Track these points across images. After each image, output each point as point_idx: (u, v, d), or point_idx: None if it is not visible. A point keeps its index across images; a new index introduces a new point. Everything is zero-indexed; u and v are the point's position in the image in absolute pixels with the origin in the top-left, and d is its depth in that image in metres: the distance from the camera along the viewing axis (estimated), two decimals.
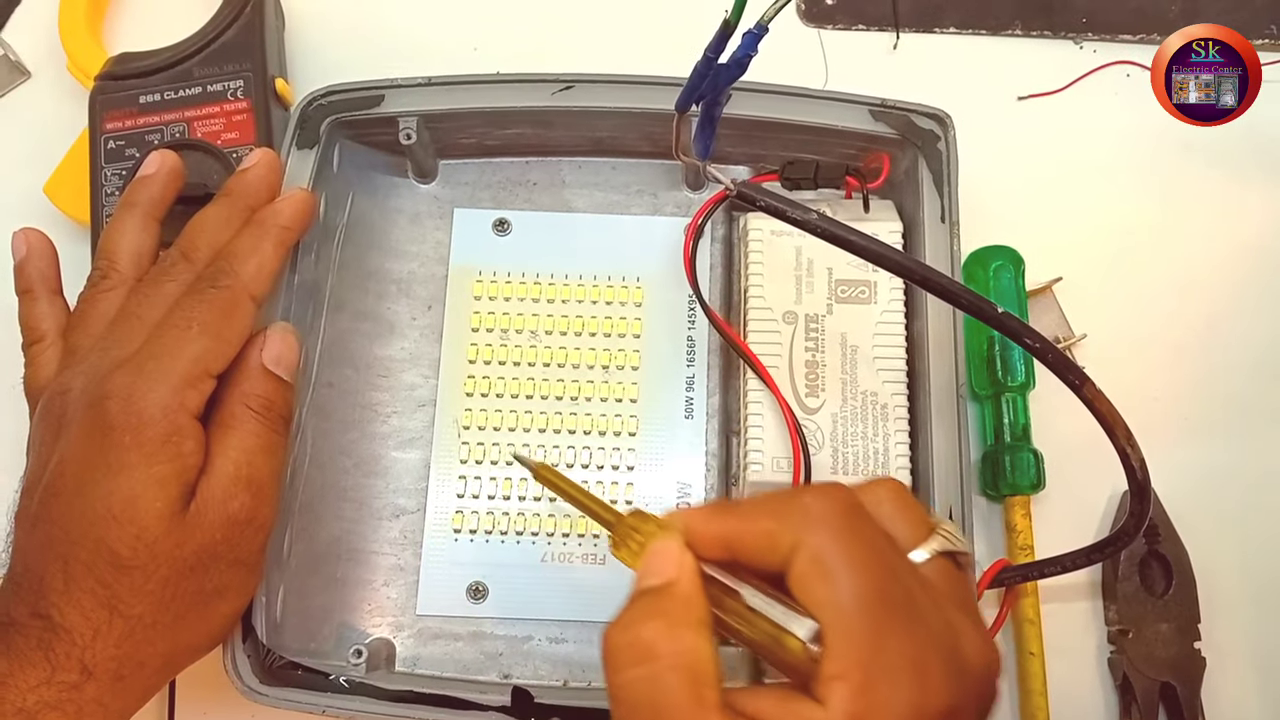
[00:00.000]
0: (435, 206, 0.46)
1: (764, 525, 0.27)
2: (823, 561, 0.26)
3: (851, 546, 0.26)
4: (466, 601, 0.42)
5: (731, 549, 0.28)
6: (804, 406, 0.40)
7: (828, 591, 0.25)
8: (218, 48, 0.47)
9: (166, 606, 0.33)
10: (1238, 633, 0.43)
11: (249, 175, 0.40)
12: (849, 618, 0.25)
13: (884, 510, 0.29)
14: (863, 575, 0.25)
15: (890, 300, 0.41)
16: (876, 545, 0.26)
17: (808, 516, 0.26)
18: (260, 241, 0.37)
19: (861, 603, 0.25)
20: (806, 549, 0.26)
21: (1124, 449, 0.32)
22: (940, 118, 0.41)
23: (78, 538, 0.32)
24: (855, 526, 0.27)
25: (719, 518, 0.28)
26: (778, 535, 0.27)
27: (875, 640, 0.25)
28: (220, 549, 0.34)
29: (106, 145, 0.46)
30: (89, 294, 0.38)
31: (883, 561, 0.26)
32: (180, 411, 0.33)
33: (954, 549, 0.29)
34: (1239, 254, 0.48)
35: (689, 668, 0.26)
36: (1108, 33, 0.51)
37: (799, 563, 0.26)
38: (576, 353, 0.44)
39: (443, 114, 0.43)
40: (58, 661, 0.31)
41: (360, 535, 0.42)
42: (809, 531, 0.26)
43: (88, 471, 0.32)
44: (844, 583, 0.25)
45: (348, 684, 0.38)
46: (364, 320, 0.44)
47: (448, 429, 0.43)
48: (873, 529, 0.27)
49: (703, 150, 0.35)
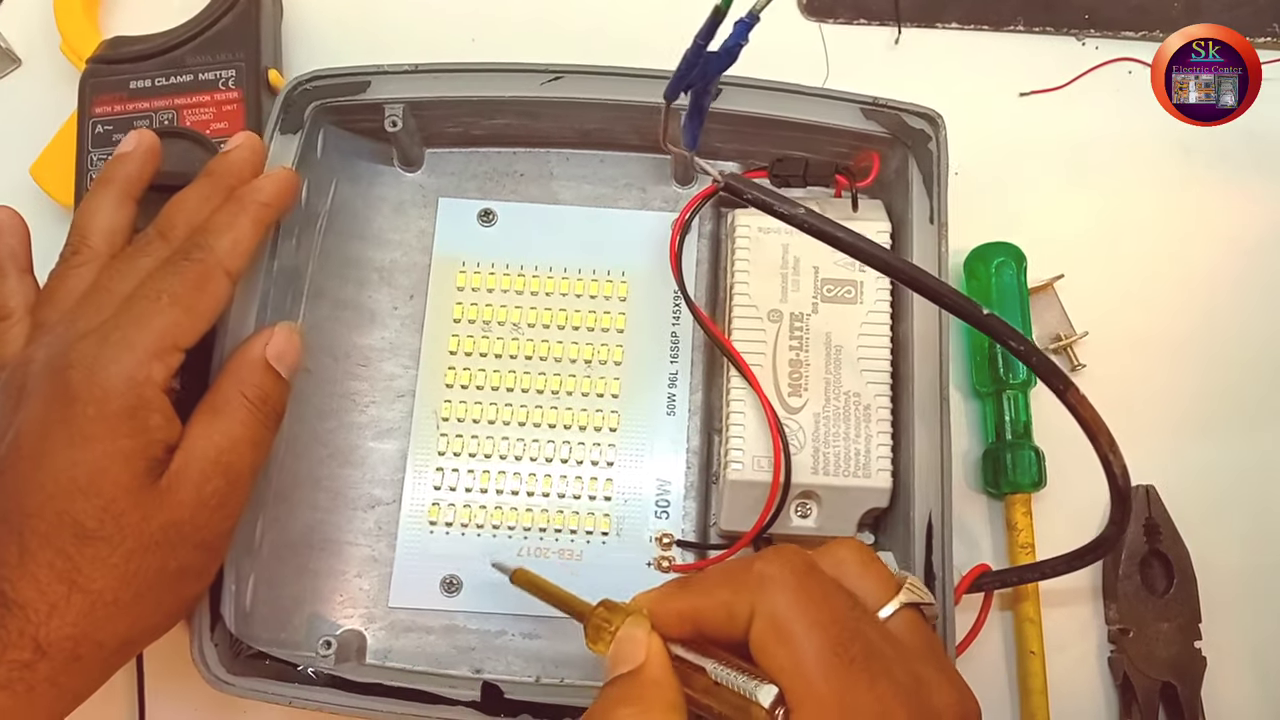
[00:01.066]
0: (420, 195, 0.46)
1: (721, 596, 0.28)
2: (779, 625, 0.26)
3: (807, 607, 0.26)
4: (440, 595, 0.41)
5: (695, 624, 0.29)
6: (786, 406, 0.40)
7: (786, 654, 0.26)
8: (212, 36, 0.47)
9: (128, 582, 0.32)
10: (1238, 632, 0.43)
11: (231, 156, 0.39)
12: (810, 678, 0.25)
13: (847, 570, 0.30)
14: (820, 634, 0.26)
15: (876, 300, 0.41)
16: (833, 604, 0.27)
17: (762, 582, 0.27)
18: (237, 216, 0.36)
19: (821, 661, 0.26)
20: (762, 614, 0.27)
21: (1106, 455, 0.32)
22: (931, 117, 0.41)
23: (34, 509, 0.31)
24: (809, 587, 0.27)
25: (679, 595, 0.29)
26: (734, 604, 0.27)
27: (839, 697, 0.25)
28: (186, 529, 0.33)
29: (94, 129, 0.46)
30: (60, 270, 0.37)
31: (840, 619, 0.27)
32: (146, 384, 0.33)
33: (919, 600, 0.29)
34: (1241, 251, 0.48)
35: None
36: (1110, 29, 0.51)
37: (756, 628, 0.27)
38: (559, 346, 0.44)
39: (429, 102, 0.43)
40: (8, 639, 0.30)
41: (334, 525, 0.42)
42: (763, 597, 0.27)
43: (47, 442, 0.32)
44: (802, 643, 0.26)
45: (316, 675, 0.38)
46: (344, 309, 0.44)
47: (426, 420, 0.43)
48: (828, 588, 0.27)
49: (691, 141, 0.34)
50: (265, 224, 0.37)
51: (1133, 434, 0.42)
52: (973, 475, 0.45)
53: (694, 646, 0.29)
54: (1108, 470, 0.32)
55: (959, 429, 0.45)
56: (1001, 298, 0.44)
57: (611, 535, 0.42)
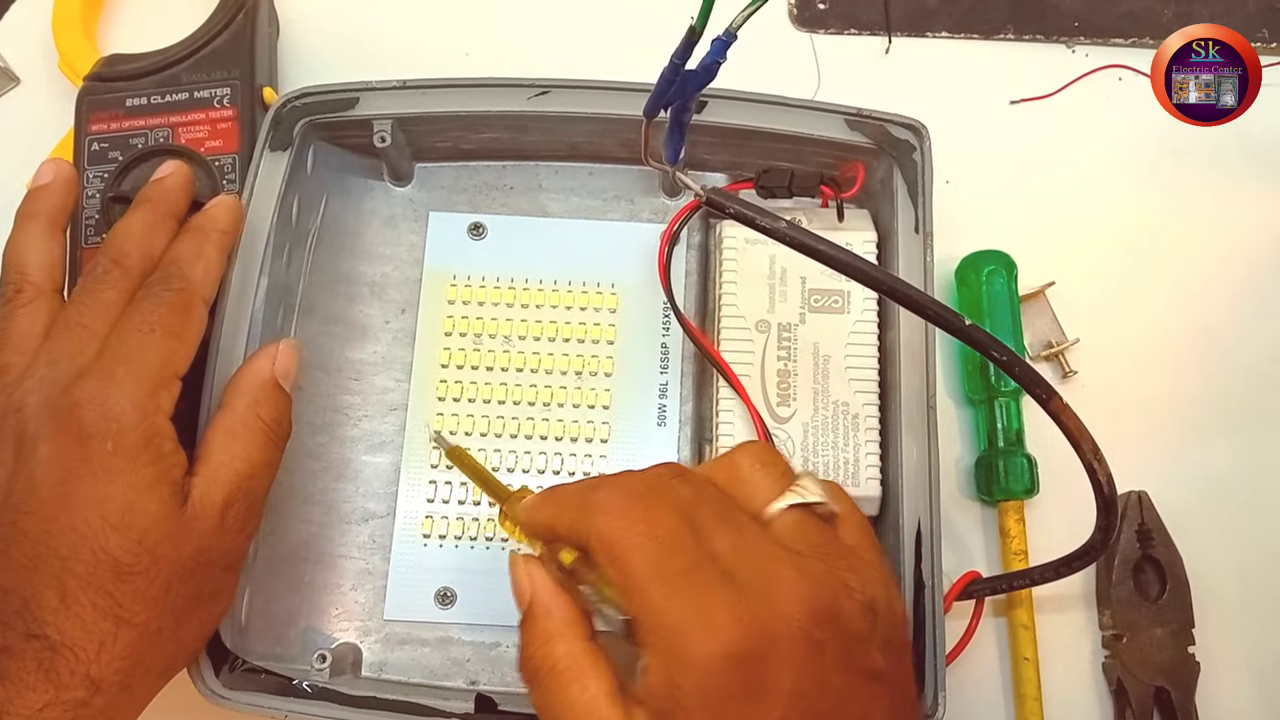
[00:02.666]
0: (410, 209, 0.46)
1: (568, 519, 0.30)
2: (606, 549, 0.28)
3: (628, 530, 0.28)
4: (434, 607, 0.41)
5: (553, 537, 0.31)
6: (775, 416, 0.40)
7: (615, 574, 0.28)
8: (207, 54, 0.47)
9: (169, 611, 0.32)
10: (1232, 637, 0.43)
11: (167, 182, 0.40)
12: (639, 592, 0.27)
13: (739, 473, 0.31)
14: (639, 554, 0.28)
15: (863, 310, 0.41)
16: (661, 522, 0.28)
17: (590, 509, 0.29)
18: (204, 246, 0.37)
19: (647, 576, 0.27)
20: (596, 540, 0.28)
21: (1091, 464, 0.32)
22: (916, 128, 0.41)
23: (69, 551, 0.31)
24: (632, 510, 0.29)
25: (543, 508, 0.32)
26: (577, 526, 0.29)
27: (662, 607, 0.27)
28: (215, 554, 0.34)
29: (90, 147, 0.46)
30: (6, 310, 0.36)
31: (661, 537, 0.28)
32: (157, 413, 0.33)
33: (802, 500, 0.30)
34: (1232, 258, 0.48)
35: (576, 672, 0.29)
36: (1100, 37, 0.51)
37: (593, 551, 0.29)
38: (550, 358, 0.44)
39: (417, 117, 0.43)
40: (61, 681, 0.30)
41: (328, 539, 0.42)
42: (591, 523, 0.29)
43: (69, 483, 0.32)
44: (625, 564, 0.28)
45: (311, 689, 0.38)
46: (336, 323, 0.44)
47: (419, 433, 0.43)
48: (658, 509, 0.29)
49: (672, 156, 0.34)
50: (226, 251, 0.39)
51: (1125, 440, 0.42)
52: (966, 483, 0.45)
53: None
54: (1092, 477, 0.32)
55: (952, 436, 0.45)
56: (993, 306, 0.45)
57: None
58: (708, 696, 0.27)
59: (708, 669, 0.26)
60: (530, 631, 0.30)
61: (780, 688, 0.27)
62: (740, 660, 0.27)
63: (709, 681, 0.27)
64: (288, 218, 0.42)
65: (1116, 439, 0.32)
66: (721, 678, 0.26)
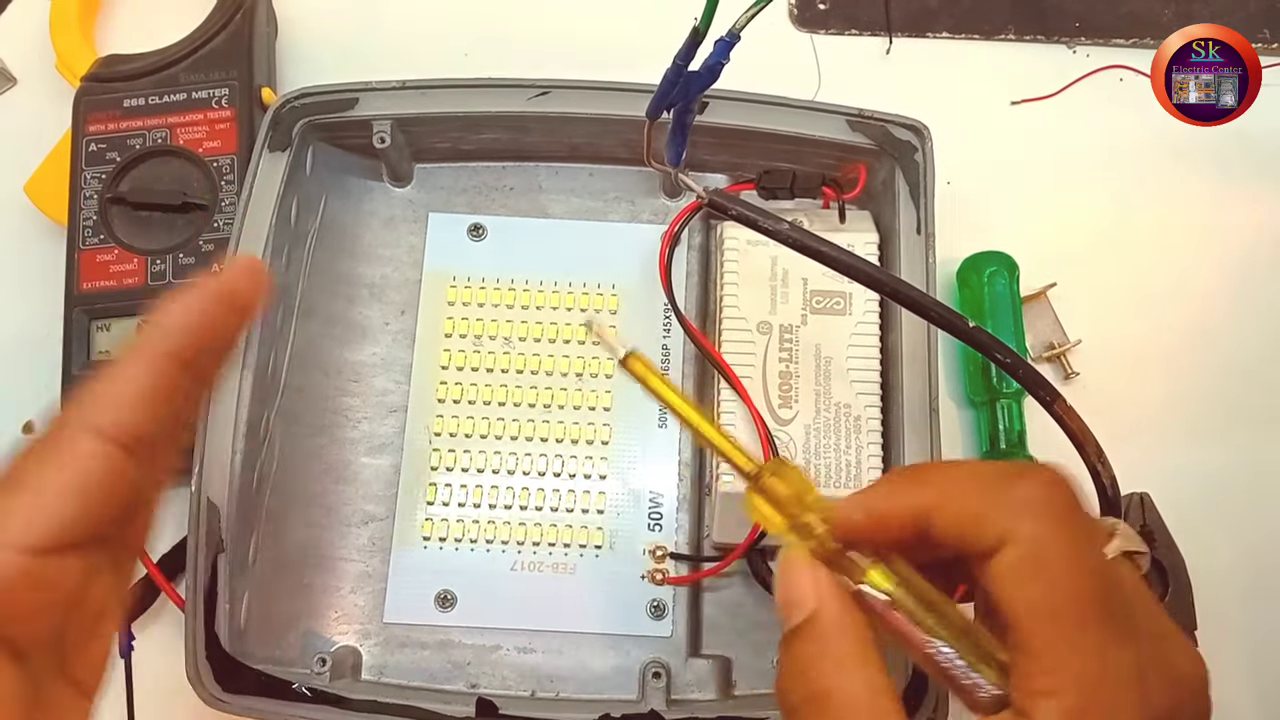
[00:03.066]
0: (410, 210, 0.46)
1: (970, 505, 0.24)
2: (1041, 560, 0.22)
3: (1072, 544, 0.23)
4: (434, 610, 0.41)
5: (923, 527, 0.24)
6: (777, 417, 0.40)
7: (1044, 595, 0.22)
8: (205, 54, 0.47)
9: None
10: (1234, 639, 0.43)
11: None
12: (1064, 626, 0.22)
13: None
14: (1082, 578, 0.22)
15: (865, 312, 0.41)
16: (1096, 544, 0.24)
17: (1026, 506, 0.23)
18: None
19: (1080, 609, 0.22)
20: (1021, 543, 0.23)
21: (1094, 466, 0.32)
22: (917, 129, 0.41)
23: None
24: (1076, 523, 0.23)
25: (912, 489, 0.25)
26: (986, 520, 0.23)
27: (1096, 652, 0.22)
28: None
29: (88, 148, 0.46)
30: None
31: (1102, 567, 0.23)
32: None
33: (1134, 549, 0.27)
34: (1233, 258, 0.48)
35: (870, 709, 0.23)
36: (1101, 37, 0.51)
37: (1010, 556, 0.23)
38: (550, 360, 0.44)
39: (417, 118, 0.43)
40: None
41: (328, 542, 0.42)
42: (1026, 523, 0.23)
43: None
44: (1062, 586, 0.22)
45: (311, 692, 0.38)
46: (335, 325, 0.44)
47: (419, 435, 0.43)
48: (1091, 526, 0.24)
49: (675, 158, 0.34)
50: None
51: (1127, 441, 0.42)
52: None
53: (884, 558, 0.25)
54: (1096, 480, 0.32)
55: (954, 438, 0.45)
56: (994, 307, 0.45)
57: (605, 548, 0.42)
58: None
59: None
60: (807, 652, 0.24)
61: None
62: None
63: None
64: (287, 219, 0.42)
65: (1118, 440, 0.32)
66: None
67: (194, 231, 0.45)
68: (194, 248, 0.44)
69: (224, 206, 0.45)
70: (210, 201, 0.45)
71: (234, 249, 0.40)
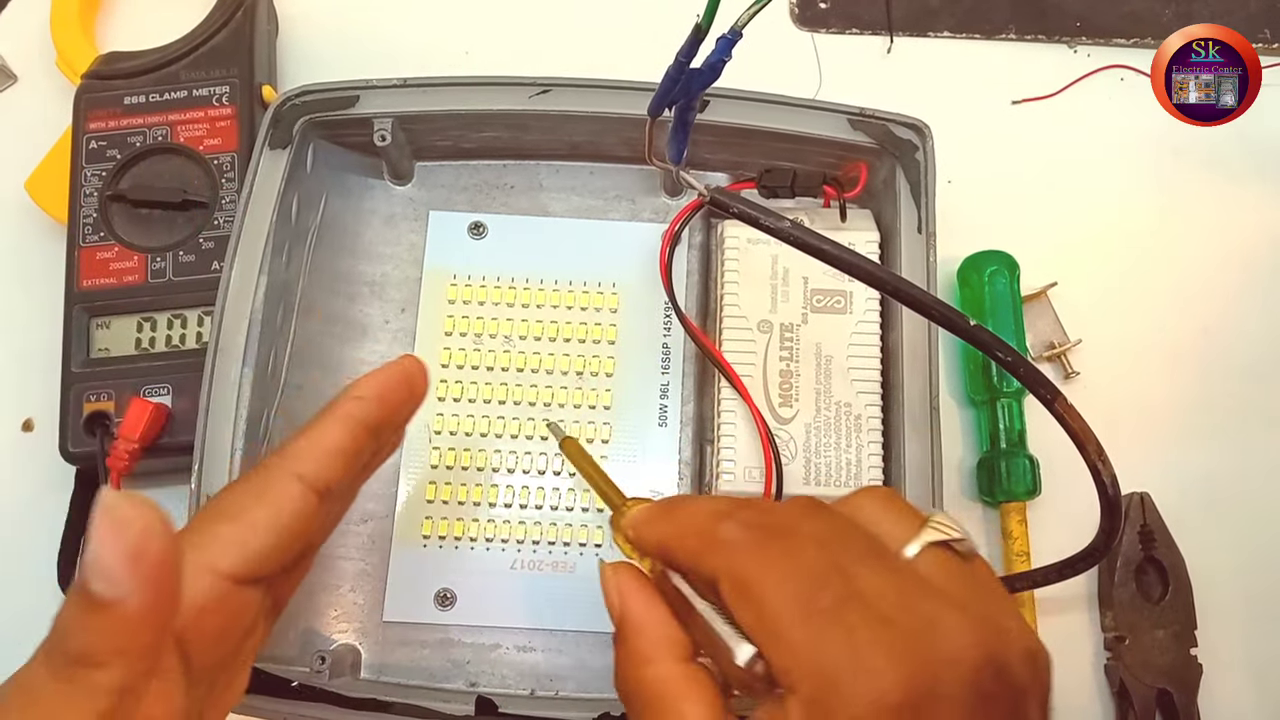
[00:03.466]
0: (410, 208, 0.46)
1: (689, 545, 0.27)
2: (741, 587, 0.26)
3: (768, 566, 0.26)
4: (434, 608, 0.41)
5: (667, 558, 0.28)
6: (777, 416, 0.40)
7: (751, 613, 0.25)
8: (206, 52, 0.47)
9: None
10: (1234, 639, 0.43)
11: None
12: (777, 632, 0.25)
13: (864, 514, 0.28)
14: (782, 590, 0.25)
15: (866, 310, 0.41)
16: (798, 558, 0.26)
17: (722, 545, 0.27)
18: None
19: (786, 616, 0.25)
20: (724, 577, 0.26)
21: (1095, 465, 0.31)
22: (918, 127, 0.41)
23: None
24: (768, 545, 0.26)
25: (658, 523, 0.29)
26: (700, 559, 0.27)
27: (810, 649, 0.24)
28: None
29: (88, 145, 0.46)
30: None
31: (806, 572, 0.26)
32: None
33: (945, 538, 0.28)
34: (1234, 258, 0.48)
35: (674, 699, 0.26)
36: (1101, 37, 0.51)
37: (723, 588, 0.26)
38: (550, 358, 0.44)
39: (417, 115, 0.43)
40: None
41: (327, 540, 0.42)
42: (723, 559, 0.26)
43: None
44: (765, 601, 0.25)
45: (309, 690, 0.38)
46: (335, 323, 0.44)
47: (418, 434, 0.43)
48: (796, 546, 0.26)
49: (676, 155, 0.34)
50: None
51: (1127, 441, 0.42)
52: (968, 484, 0.45)
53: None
54: (1096, 479, 0.32)
55: (954, 438, 0.45)
56: (995, 306, 0.45)
57: (605, 547, 0.42)
58: None
59: (865, 718, 0.24)
60: (623, 651, 0.28)
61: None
62: (901, 711, 0.24)
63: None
64: (287, 216, 0.42)
65: (1118, 439, 0.32)
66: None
67: (194, 229, 0.45)
68: (194, 245, 0.44)
69: (224, 204, 0.45)
70: (210, 199, 0.45)
71: (234, 247, 0.40)
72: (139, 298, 0.44)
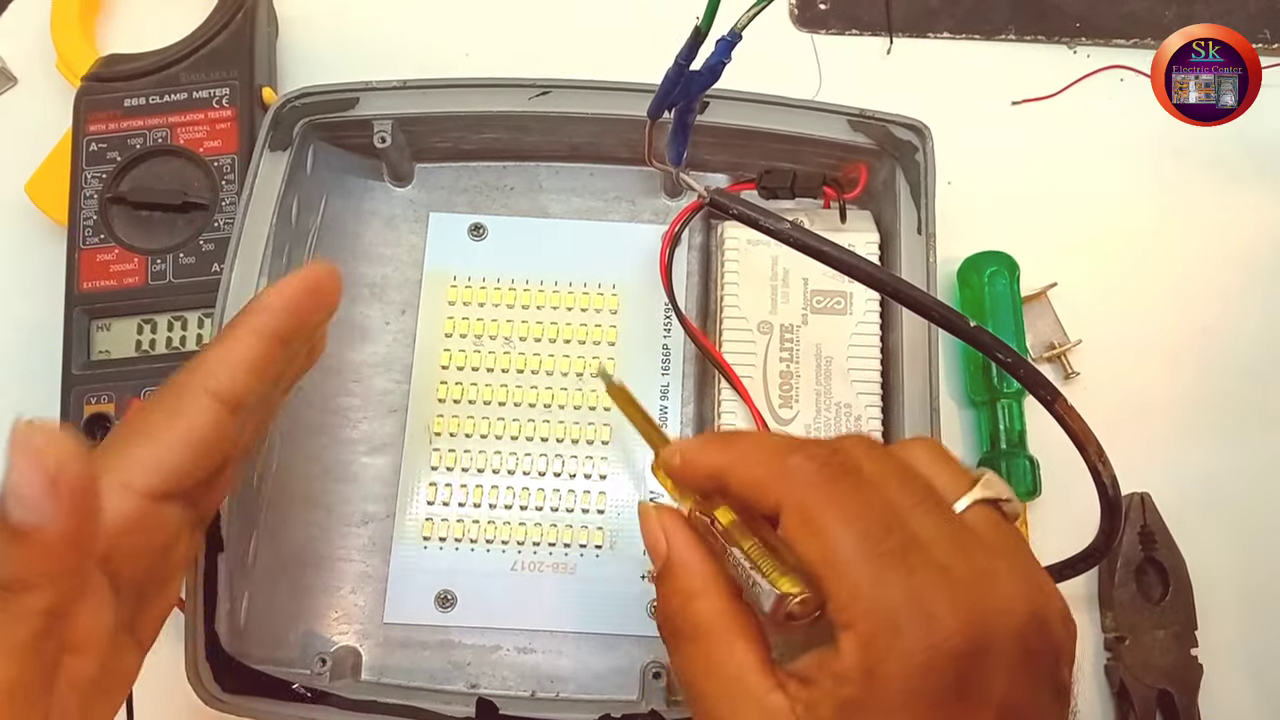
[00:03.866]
0: (410, 210, 0.46)
1: (753, 473, 0.27)
2: (808, 519, 0.26)
3: (836, 503, 0.26)
4: (435, 610, 0.41)
5: (720, 487, 0.28)
6: (777, 417, 0.40)
7: (816, 547, 0.26)
8: (206, 54, 0.47)
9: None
10: (1235, 639, 0.43)
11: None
12: (841, 570, 0.25)
13: (921, 463, 0.29)
14: (850, 527, 0.25)
15: (866, 311, 0.41)
16: (866, 498, 0.26)
17: (791, 476, 0.27)
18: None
19: (853, 554, 0.25)
20: (790, 508, 0.26)
21: (1095, 466, 0.31)
22: (918, 129, 0.41)
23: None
24: (839, 482, 0.26)
25: (715, 450, 0.29)
26: (764, 488, 0.27)
27: (873, 588, 0.25)
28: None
29: (89, 147, 0.46)
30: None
31: (873, 513, 0.26)
32: None
33: (995, 496, 0.28)
34: (1234, 258, 0.48)
35: (723, 633, 0.27)
36: (1101, 37, 0.51)
37: (786, 520, 0.26)
38: (551, 360, 0.44)
39: (417, 117, 0.43)
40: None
41: (327, 541, 0.42)
42: (791, 490, 0.26)
43: None
44: (831, 537, 0.25)
45: (310, 692, 0.38)
46: (335, 324, 0.43)
47: (419, 435, 0.43)
48: (865, 485, 0.27)
49: (676, 157, 0.34)
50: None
51: (1127, 441, 0.42)
52: None
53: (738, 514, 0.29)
54: (1097, 480, 0.32)
55: (954, 438, 0.45)
56: (995, 307, 0.45)
57: (605, 548, 0.42)
58: (914, 693, 0.24)
59: (921, 662, 0.24)
60: (669, 587, 0.28)
61: (990, 693, 0.25)
62: (957, 657, 0.24)
63: (919, 676, 0.24)
64: (287, 218, 0.42)
65: (1118, 440, 0.32)
66: (933, 674, 0.24)
67: (194, 231, 0.45)
68: (194, 247, 0.44)
69: (224, 206, 0.45)
70: (211, 201, 0.45)
71: (235, 249, 0.40)
72: (139, 300, 0.44)
